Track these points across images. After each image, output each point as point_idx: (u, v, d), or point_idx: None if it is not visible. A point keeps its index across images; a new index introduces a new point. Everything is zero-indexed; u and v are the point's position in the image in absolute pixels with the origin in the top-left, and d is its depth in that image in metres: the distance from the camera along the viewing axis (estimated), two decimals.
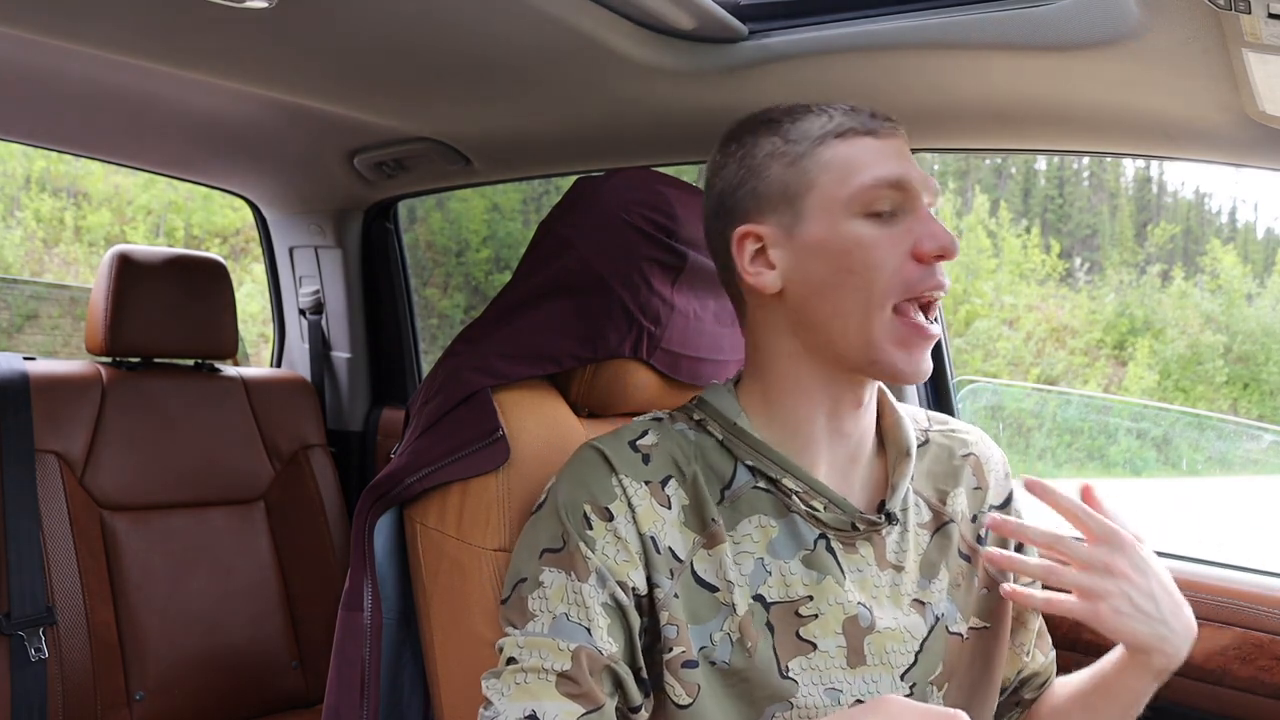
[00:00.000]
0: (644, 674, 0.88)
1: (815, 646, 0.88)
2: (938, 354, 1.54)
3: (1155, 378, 9.19)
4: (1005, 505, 1.04)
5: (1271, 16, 0.79)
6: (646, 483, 0.91)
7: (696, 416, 0.97)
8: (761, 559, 0.90)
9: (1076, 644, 1.28)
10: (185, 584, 1.85)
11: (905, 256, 0.88)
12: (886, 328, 0.88)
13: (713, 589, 0.89)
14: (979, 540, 1.00)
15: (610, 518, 0.89)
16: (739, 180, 0.95)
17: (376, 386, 2.32)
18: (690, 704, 0.85)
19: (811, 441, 0.93)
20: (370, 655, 1.18)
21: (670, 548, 0.89)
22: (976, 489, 1.02)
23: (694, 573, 0.89)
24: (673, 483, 0.92)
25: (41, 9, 1.14)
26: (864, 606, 0.90)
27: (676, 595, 0.88)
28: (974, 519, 1.01)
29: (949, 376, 1.55)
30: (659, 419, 0.99)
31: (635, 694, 0.86)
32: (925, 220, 0.90)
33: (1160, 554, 1.32)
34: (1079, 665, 1.25)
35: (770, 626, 0.88)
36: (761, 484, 0.92)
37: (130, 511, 1.84)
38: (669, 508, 0.91)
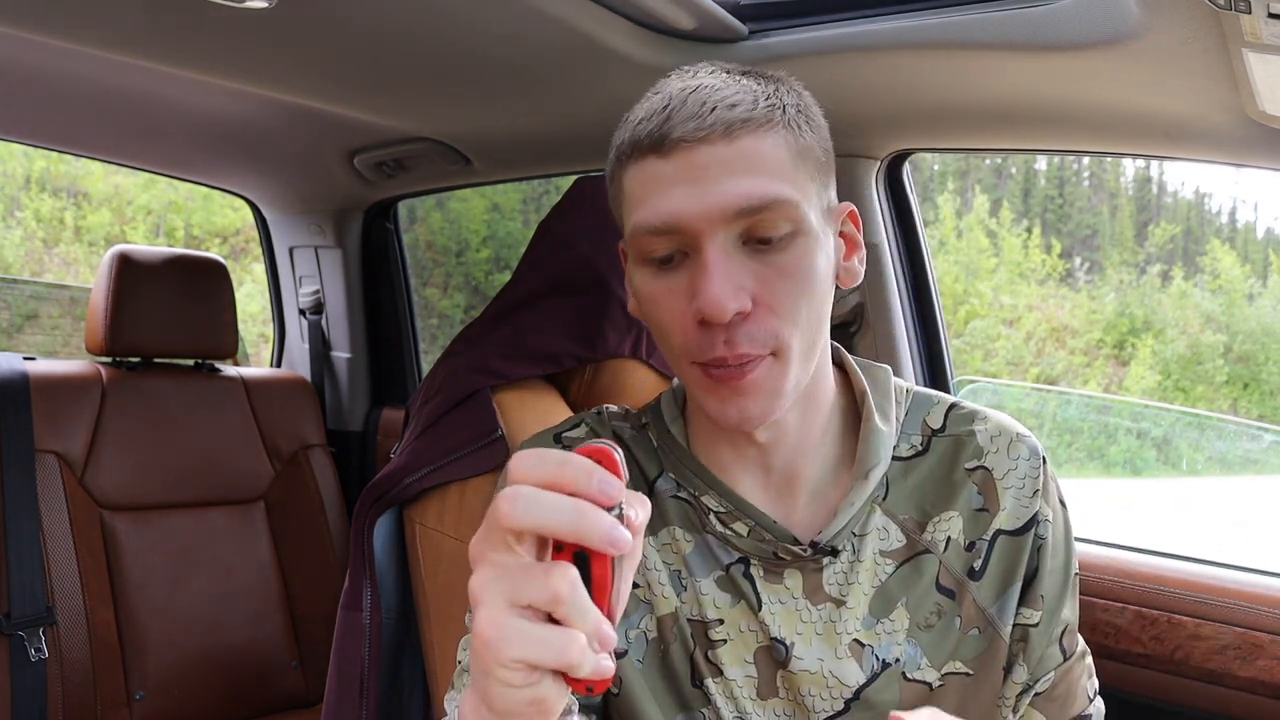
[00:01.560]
0: None
1: (722, 672, 0.83)
2: (938, 354, 1.54)
3: (1157, 378, 9.19)
4: (1022, 531, 0.84)
5: (1271, 16, 0.79)
6: None
7: (644, 420, 0.92)
8: (678, 572, 0.84)
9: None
10: (185, 584, 1.85)
11: (686, 314, 0.75)
12: (695, 377, 0.78)
13: (633, 584, 0.84)
14: (971, 574, 0.84)
15: None
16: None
17: (376, 386, 2.32)
18: (618, 694, 0.84)
19: (725, 466, 0.85)
20: (370, 654, 1.18)
21: None
22: (980, 511, 0.85)
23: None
24: None
25: (41, 9, 1.14)
26: (779, 642, 0.81)
27: None
28: (969, 547, 0.84)
29: (949, 376, 1.55)
30: (599, 412, 0.93)
31: None
32: (699, 271, 0.73)
33: (1161, 554, 1.33)
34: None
35: (693, 638, 0.84)
36: (683, 495, 0.86)
37: (130, 511, 1.84)
38: None
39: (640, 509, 0.53)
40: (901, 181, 1.49)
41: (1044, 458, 0.87)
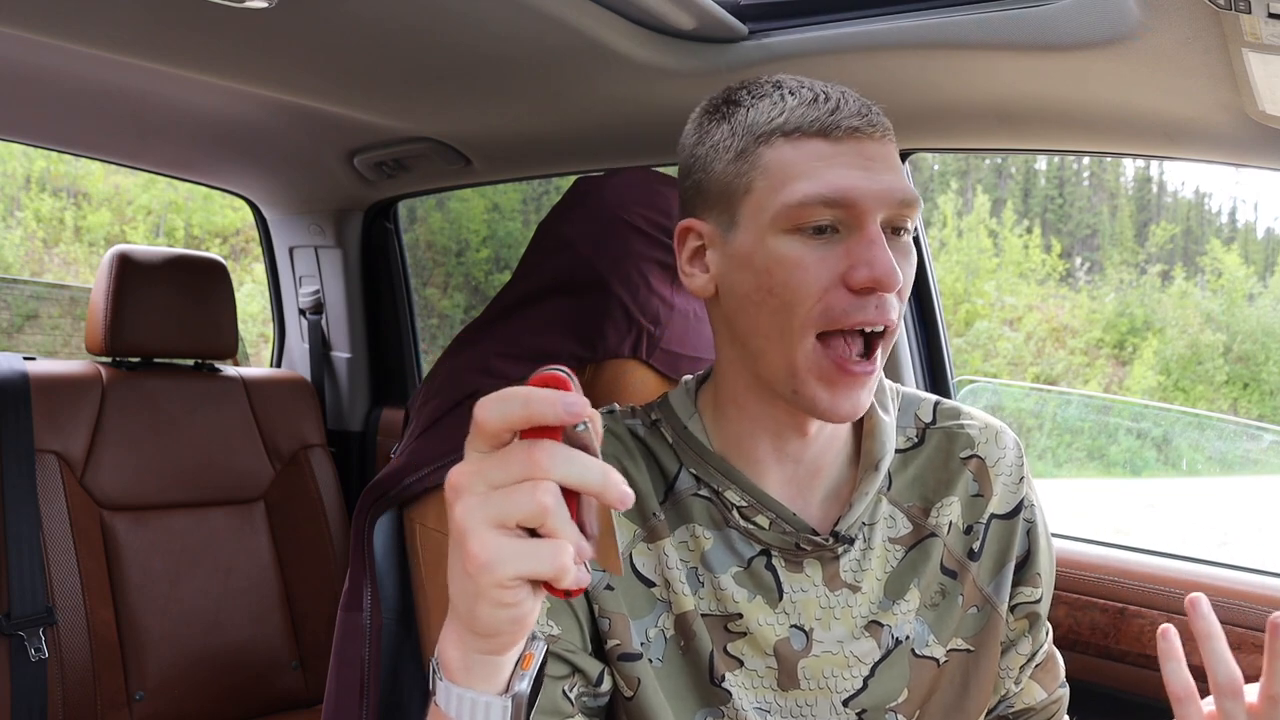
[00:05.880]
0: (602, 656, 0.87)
1: (742, 664, 0.85)
2: (938, 354, 1.54)
3: (1158, 378, 9.19)
4: (1012, 515, 0.92)
5: (1271, 16, 0.79)
6: None
7: (654, 416, 0.93)
8: (695, 569, 0.86)
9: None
10: (185, 584, 1.85)
11: (835, 281, 0.78)
12: (809, 358, 0.79)
13: (649, 584, 0.86)
14: (970, 555, 0.90)
15: None
16: (689, 168, 0.88)
17: (376, 386, 2.32)
18: (633, 696, 0.85)
19: (755, 460, 0.87)
20: (370, 655, 1.18)
21: None
22: (976, 496, 0.91)
23: (632, 565, 0.87)
24: None
25: (41, 9, 1.14)
26: (799, 630, 0.85)
27: (610, 588, 0.85)
28: (968, 530, 0.91)
29: (949, 376, 1.55)
30: (612, 411, 0.95)
31: (592, 672, 0.84)
32: (867, 244, 0.77)
33: (1161, 554, 1.33)
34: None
35: (711, 635, 0.86)
36: (704, 492, 0.88)
37: (130, 511, 1.84)
38: None
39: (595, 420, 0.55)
40: None
41: (1021, 449, 0.96)
